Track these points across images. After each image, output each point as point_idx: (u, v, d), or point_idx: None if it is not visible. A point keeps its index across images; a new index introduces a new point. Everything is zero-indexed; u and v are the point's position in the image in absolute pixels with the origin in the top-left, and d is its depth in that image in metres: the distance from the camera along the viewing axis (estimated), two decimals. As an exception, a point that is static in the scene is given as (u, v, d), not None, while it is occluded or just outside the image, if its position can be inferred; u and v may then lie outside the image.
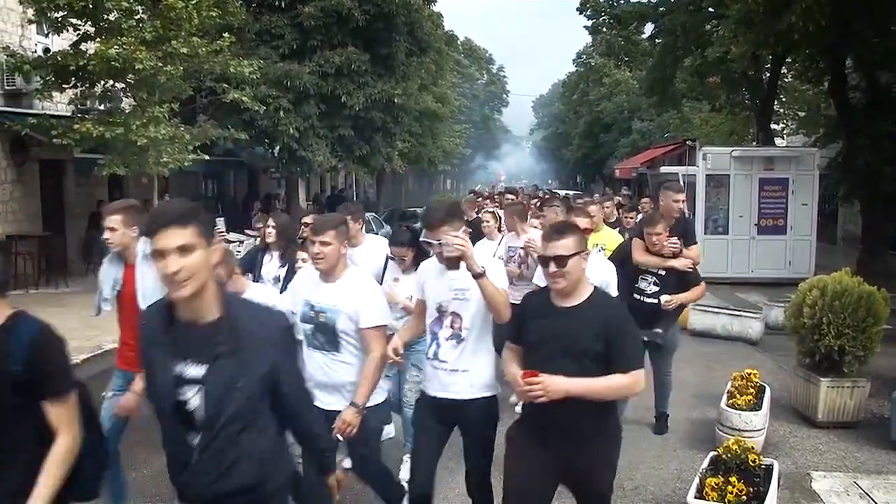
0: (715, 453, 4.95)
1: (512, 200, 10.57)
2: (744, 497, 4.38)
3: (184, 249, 2.40)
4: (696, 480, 4.66)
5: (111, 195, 18.56)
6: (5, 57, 14.02)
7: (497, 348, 4.09)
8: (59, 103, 15.41)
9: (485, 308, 3.91)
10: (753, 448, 4.92)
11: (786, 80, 22.82)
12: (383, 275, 5.59)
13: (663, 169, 22.26)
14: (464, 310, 3.99)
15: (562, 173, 73.87)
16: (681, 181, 16.61)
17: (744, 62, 18.28)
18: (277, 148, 21.75)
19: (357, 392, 3.98)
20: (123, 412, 4.30)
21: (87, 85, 13.94)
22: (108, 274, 4.51)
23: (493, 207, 9.81)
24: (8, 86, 14.44)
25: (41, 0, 12.83)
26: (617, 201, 13.04)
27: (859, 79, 16.43)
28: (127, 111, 13.92)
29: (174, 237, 2.40)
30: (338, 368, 4.06)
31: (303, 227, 6.19)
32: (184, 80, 14.49)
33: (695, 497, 4.48)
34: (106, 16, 13.27)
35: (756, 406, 6.17)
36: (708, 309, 11.11)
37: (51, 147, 13.70)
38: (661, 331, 6.02)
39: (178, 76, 13.80)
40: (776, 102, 22.83)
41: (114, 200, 18.07)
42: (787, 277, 14.44)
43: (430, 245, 4.17)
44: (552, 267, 3.38)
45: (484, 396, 4.03)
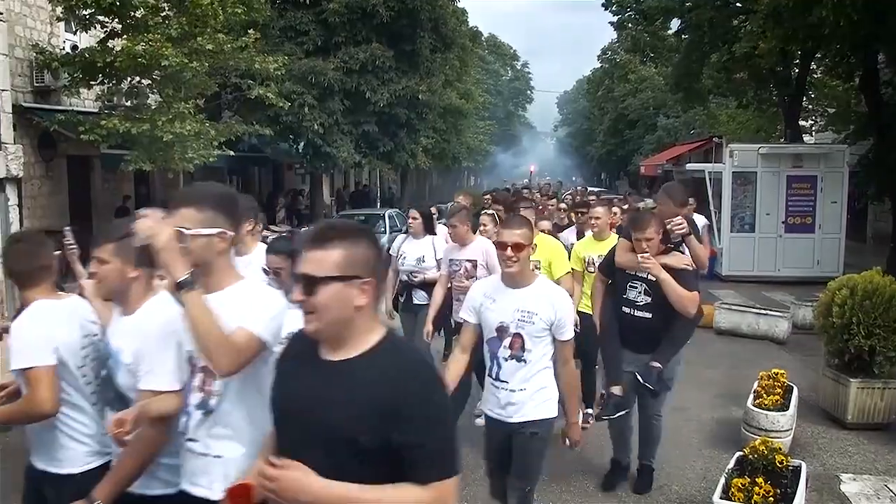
0: (741, 454, 4.88)
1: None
2: (771, 498, 4.31)
3: None
4: (722, 481, 4.59)
5: (137, 190, 18.77)
6: (34, 54, 14.20)
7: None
8: (87, 100, 15.58)
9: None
10: (780, 449, 4.84)
11: (815, 76, 22.52)
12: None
13: (689, 166, 22.05)
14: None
15: (586, 170, 73.65)
16: (707, 178, 16.49)
17: (772, 58, 18.01)
18: (302, 144, 21.85)
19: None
20: None
21: (114, 81, 14.07)
22: None
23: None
24: (37, 83, 14.59)
25: (69, -3, 12.97)
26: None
27: (892, 74, 16.16)
28: (153, 107, 14.02)
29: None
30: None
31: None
32: (209, 77, 14.60)
33: (720, 497, 4.42)
34: (133, 13, 13.37)
35: (783, 406, 6.08)
36: (734, 307, 11.00)
37: (78, 143, 13.84)
38: (659, 364, 4.84)
39: (204, 72, 13.90)
40: (805, 99, 22.53)
41: (140, 196, 18.27)
42: (815, 276, 14.24)
43: None
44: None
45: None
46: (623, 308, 5.08)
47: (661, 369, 4.83)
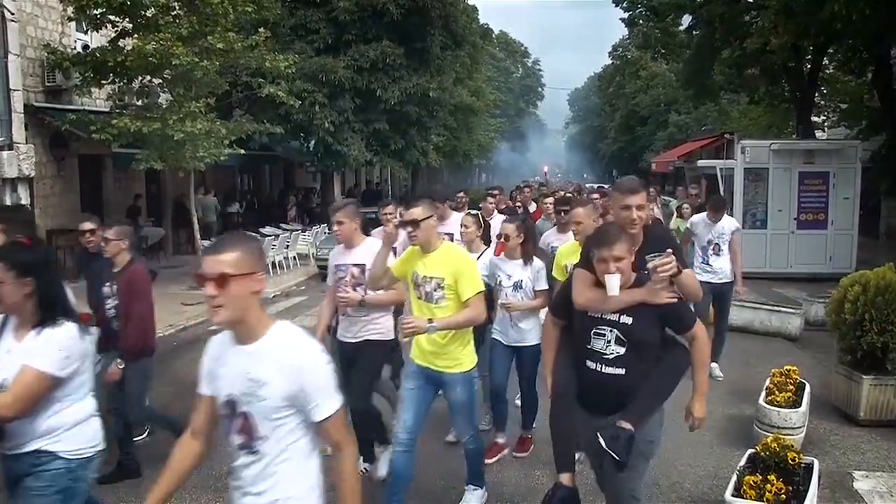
0: (753, 451, 4.86)
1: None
2: (783, 496, 4.28)
3: None
4: (734, 478, 4.57)
5: (148, 189, 18.86)
6: (46, 54, 14.27)
7: None
8: (98, 99, 15.64)
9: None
10: (793, 446, 4.82)
11: (827, 72, 22.39)
12: None
13: (700, 162, 21.96)
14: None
15: (597, 167, 73.47)
16: (719, 175, 16.41)
17: (784, 53, 17.94)
18: (313, 142, 21.90)
19: None
20: None
21: (125, 81, 14.13)
22: None
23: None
24: (48, 82, 14.67)
25: (81, -3, 13.03)
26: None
27: (905, 69, 16.05)
28: (164, 106, 14.07)
29: None
30: None
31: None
32: (220, 76, 14.63)
33: (732, 495, 4.40)
34: (143, 12, 13.43)
35: (796, 403, 6.05)
36: (746, 304, 10.93)
37: (89, 142, 13.91)
38: (629, 425, 3.43)
39: (214, 71, 13.93)
40: (817, 94, 22.41)
41: (151, 194, 18.32)
42: (828, 272, 14.15)
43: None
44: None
45: None
46: (587, 363, 3.66)
47: (632, 432, 3.42)
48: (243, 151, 16.91)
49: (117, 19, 13.76)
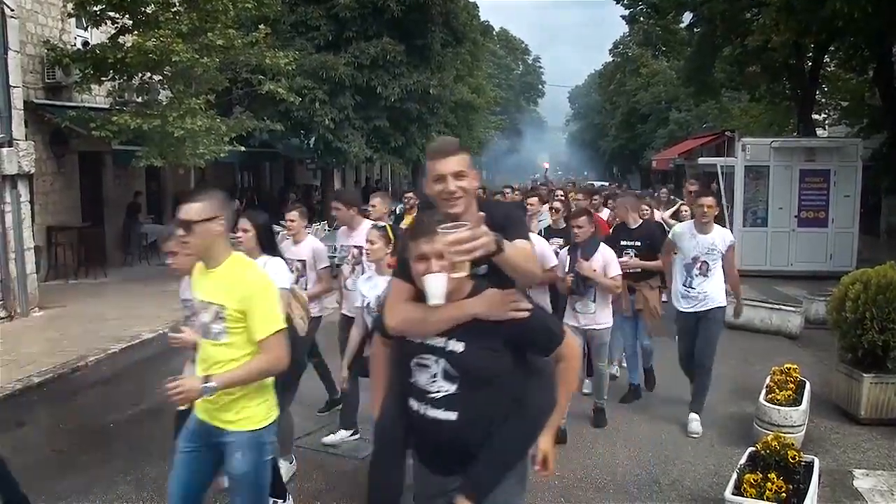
0: (753, 449, 4.84)
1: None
2: (783, 494, 4.27)
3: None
4: (734, 476, 4.56)
5: (148, 186, 18.83)
6: (46, 51, 14.25)
7: None
8: (98, 96, 15.62)
9: None
10: (793, 444, 4.80)
11: (828, 69, 22.36)
12: None
13: (701, 160, 21.95)
14: None
15: (598, 165, 73.40)
16: (720, 172, 16.41)
17: (785, 51, 17.91)
18: (313, 139, 21.89)
19: None
20: None
21: (125, 77, 14.12)
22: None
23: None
24: (48, 79, 14.64)
25: (81, -6, 13.02)
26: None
27: (906, 67, 16.01)
28: (164, 103, 14.06)
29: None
30: None
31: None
32: (220, 72, 14.63)
33: (732, 493, 4.39)
34: (143, 9, 13.43)
35: (796, 401, 6.04)
36: (746, 302, 10.89)
37: (89, 139, 13.89)
38: (470, 501, 2.56)
39: (215, 68, 13.93)
40: (818, 92, 22.38)
41: (151, 191, 18.30)
42: (828, 271, 14.13)
43: None
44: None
45: None
46: (409, 402, 2.71)
47: None
48: (243, 148, 16.88)
49: (117, 16, 13.75)
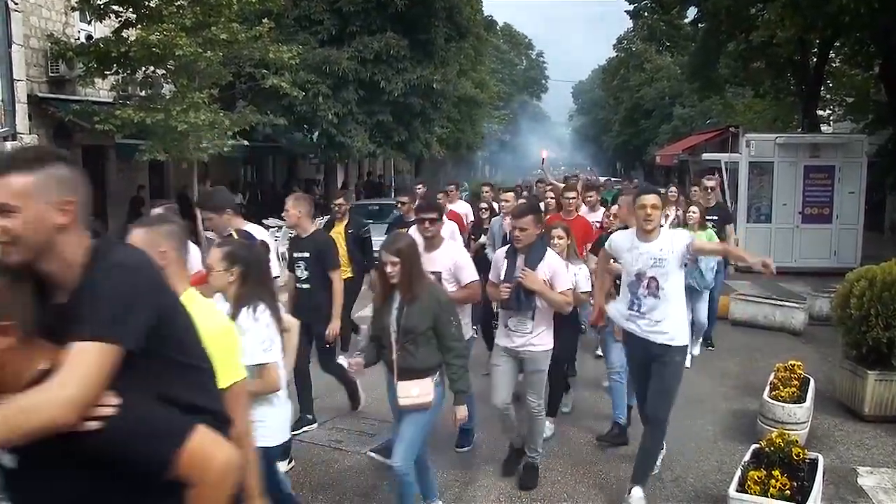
0: (757, 446, 4.83)
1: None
2: (787, 491, 4.26)
3: None
4: (738, 473, 4.55)
5: (152, 180, 18.83)
6: (49, 44, 14.26)
7: None
8: (101, 90, 15.62)
9: None
10: (797, 441, 4.80)
11: (833, 65, 22.29)
12: None
13: (705, 156, 21.85)
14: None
15: (601, 160, 73.30)
16: (723, 168, 16.35)
17: (790, 47, 17.88)
18: (316, 134, 21.84)
19: None
20: None
21: (129, 71, 14.10)
22: None
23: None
24: (52, 73, 14.64)
25: (84, -13, 13.01)
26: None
27: (912, 63, 15.94)
28: (167, 97, 14.04)
29: None
30: None
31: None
32: (223, 66, 14.59)
33: (736, 490, 4.38)
34: (147, 2, 13.41)
35: (800, 398, 6.02)
36: (750, 298, 10.90)
37: (93, 133, 13.87)
38: None
39: (218, 62, 13.90)
40: (823, 88, 22.32)
41: (154, 185, 18.27)
42: (832, 267, 14.11)
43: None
44: None
45: None
46: None
47: None
48: (247, 143, 16.89)
49: (121, 9, 13.73)
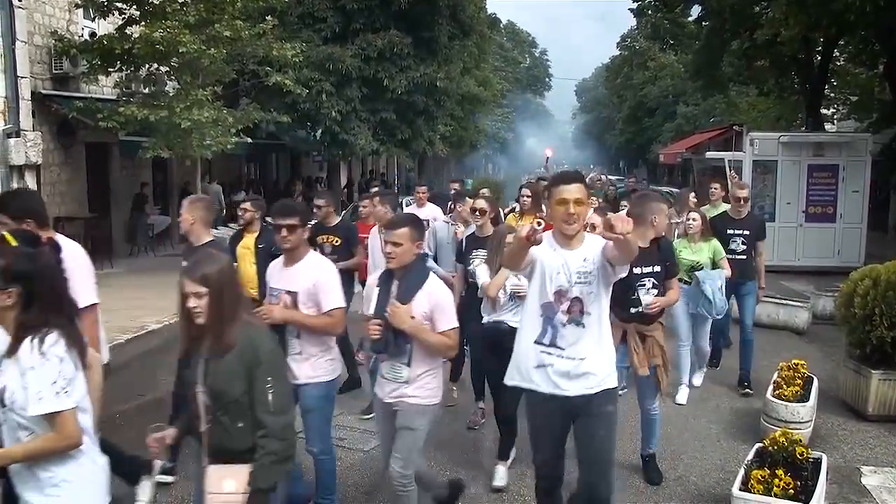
0: (761, 445, 4.82)
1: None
2: (791, 490, 4.25)
3: None
4: (742, 472, 4.54)
5: (155, 177, 18.84)
6: (53, 41, 14.24)
7: None
8: (105, 87, 15.62)
9: None
10: (801, 441, 4.78)
11: (837, 64, 22.24)
12: None
13: (709, 154, 21.89)
14: None
15: (604, 158, 73.23)
16: (727, 167, 16.36)
17: (794, 45, 17.83)
18: (320, 131, 21.82)
19: None
20: None
21: (132, 68, 14.12)
22: None
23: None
24: (55, 70, 14.64)
25: (88, -16, 13.03)
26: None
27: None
28: (171, 94, 14.05)
29: None
30: None
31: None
32: (227, 64, 14.61)
33: (739, 489, 4.37)
34: (151, -1, 13.40)
35: (803, 397, 6.01)
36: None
37: (96, 130, 13.90)
38: None
39: (222, 59, 13.90)
40: (827, 86, 22.27)
41: (157, 183, 18.29)
42: (836, 266, 14.09)
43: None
44: None
45: None
46: None
47: None
48: (250, 140, 16.88)
49: (124, 6, 13.74)
